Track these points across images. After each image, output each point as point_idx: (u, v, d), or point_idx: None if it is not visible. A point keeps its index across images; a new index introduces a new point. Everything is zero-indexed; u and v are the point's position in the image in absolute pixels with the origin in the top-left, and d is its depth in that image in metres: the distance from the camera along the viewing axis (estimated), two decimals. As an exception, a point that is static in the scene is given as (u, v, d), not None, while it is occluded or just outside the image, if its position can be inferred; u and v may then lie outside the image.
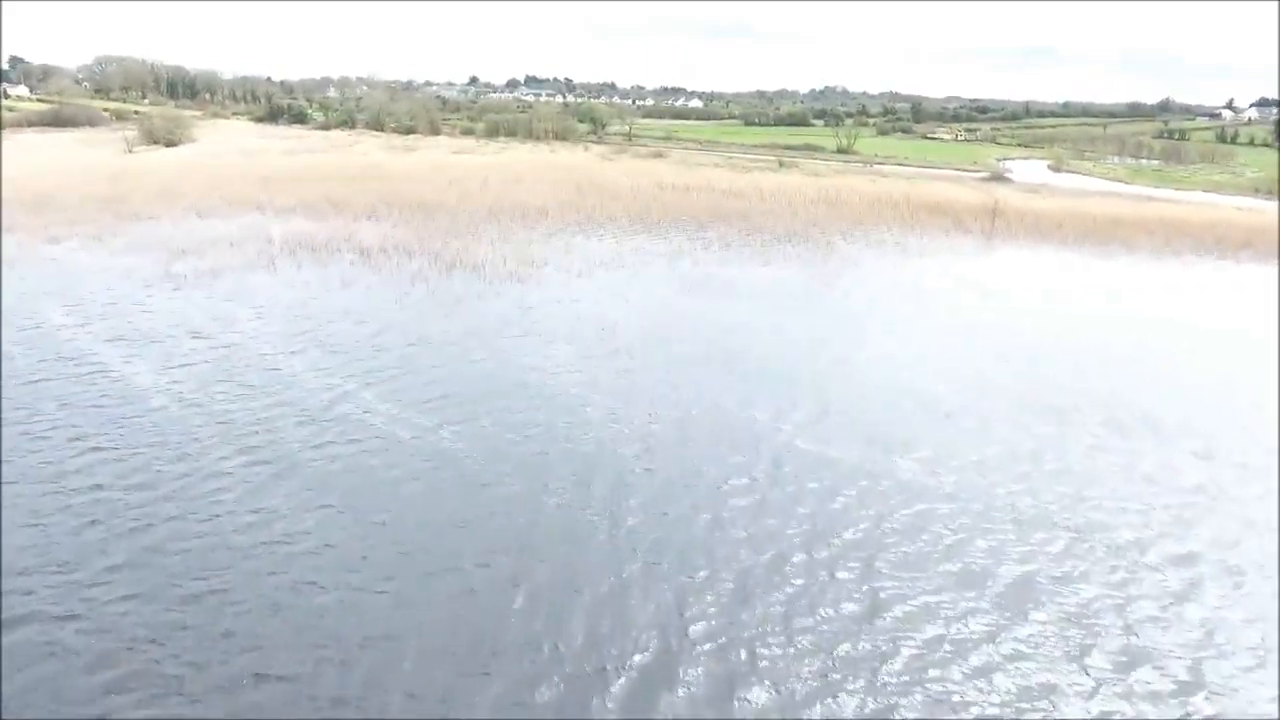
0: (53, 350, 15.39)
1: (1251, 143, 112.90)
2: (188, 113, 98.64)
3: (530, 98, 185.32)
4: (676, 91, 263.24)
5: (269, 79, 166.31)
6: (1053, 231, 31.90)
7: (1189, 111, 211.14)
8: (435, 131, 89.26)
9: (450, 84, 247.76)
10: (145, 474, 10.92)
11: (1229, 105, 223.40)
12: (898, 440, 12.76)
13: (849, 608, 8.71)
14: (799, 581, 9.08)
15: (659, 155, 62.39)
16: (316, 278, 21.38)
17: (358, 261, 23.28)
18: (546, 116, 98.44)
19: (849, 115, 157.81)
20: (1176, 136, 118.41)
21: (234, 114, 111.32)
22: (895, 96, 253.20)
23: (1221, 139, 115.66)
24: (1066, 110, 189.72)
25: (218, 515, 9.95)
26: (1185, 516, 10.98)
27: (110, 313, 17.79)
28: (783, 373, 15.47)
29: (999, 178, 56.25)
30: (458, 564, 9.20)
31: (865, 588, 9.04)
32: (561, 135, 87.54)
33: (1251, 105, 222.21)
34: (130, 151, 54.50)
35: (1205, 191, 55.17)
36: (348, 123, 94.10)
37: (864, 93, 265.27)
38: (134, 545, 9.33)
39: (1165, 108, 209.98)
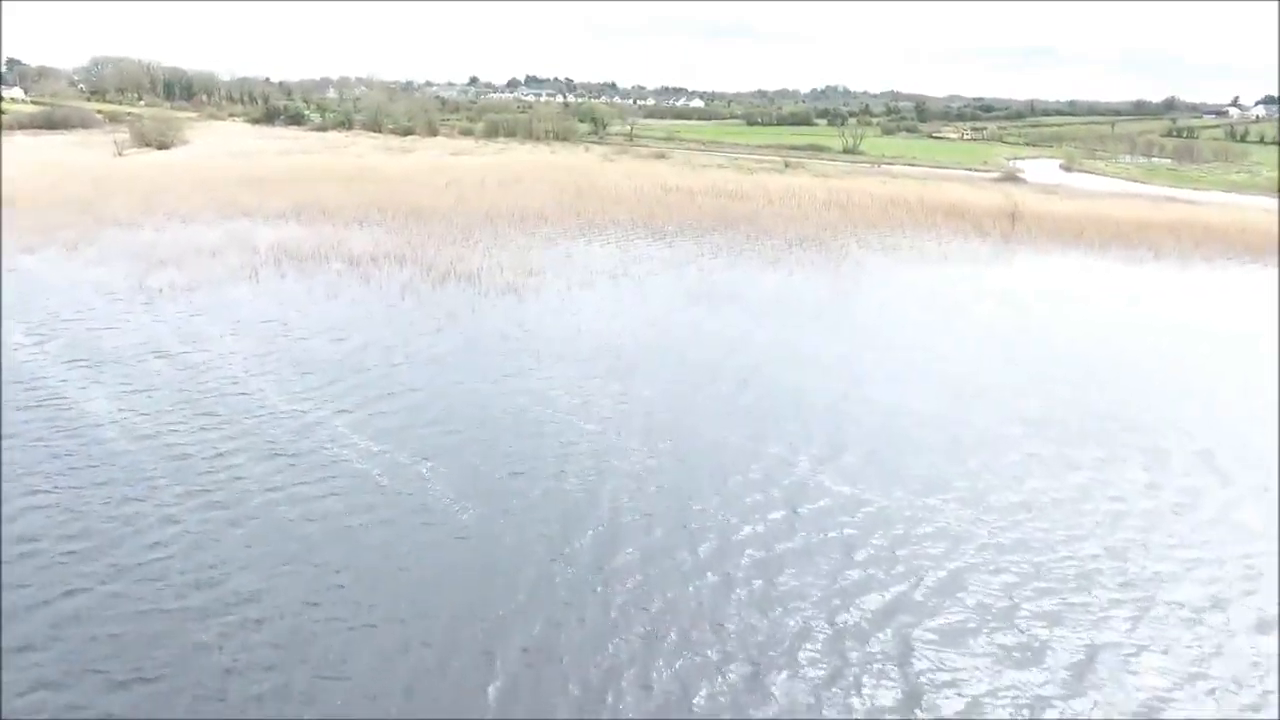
0: (5, 373, 14.14)
1: (1262, 141, 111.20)
2: (183, 114, 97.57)
3: (530, 98, 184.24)
4: (677, 91, 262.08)
5: (267, 80, 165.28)
6: (1075, 236, 30.55)
7: (1195, 110, 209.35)
8: (433, 132, 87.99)
9: (450, 84, 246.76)
10: (83, 522, 9.66)
11: (1235, 103, 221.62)
12: (929, 477, 11.46)
13: (884, 697, 7.40)
14: (823, 663, 7.78)
15: (661, 156, 61.09)
16: (300, 290, 20.11)
17: (345, 271, 22.02)
18: (547, 117, 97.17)
19: (852, 115, 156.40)
20: (1185, 135, 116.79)
21: (230, 115, 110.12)
22: (897, 96, 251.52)
23: (1231, 137, 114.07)
24: (1072, 109, 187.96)
25: (157, 578, 8.67)
26: (1259, 568, 9.67)
27: (73, 331, 16.53)
28: (797, 398, 14.17)
29: (1012, 178, 54.88)
30: (424, 636, 7.91)
31: (903, 669, 7.74)
32: (562, 136, 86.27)
33: (1258, 103, 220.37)
34: (120, 154, 53.30)
35: (1224, 191, 53.73)
36: (345, 124, 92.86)
37: (865, 92, 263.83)
38: (56, 615, 8.05)
39: (1171, 106, 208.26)
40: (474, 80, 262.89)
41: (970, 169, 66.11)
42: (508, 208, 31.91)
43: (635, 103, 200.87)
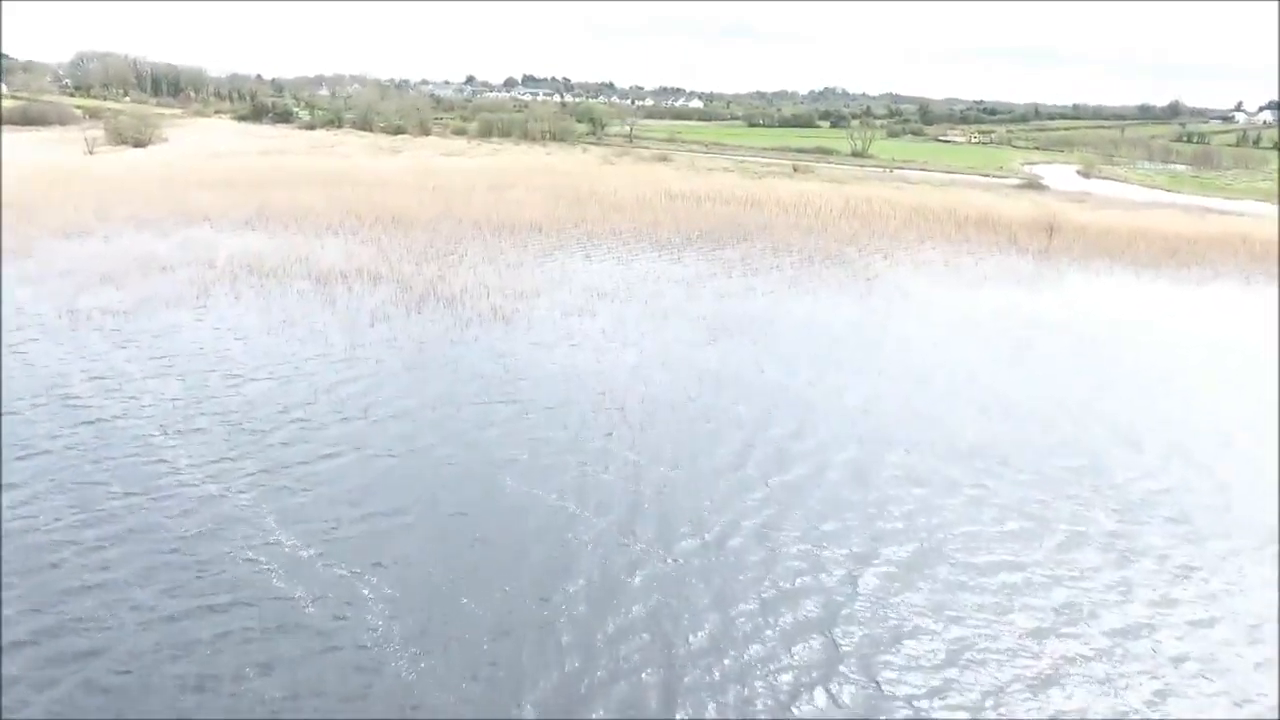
0: None
1: (1275, 147, 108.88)
2: (169, 111, 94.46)
3: (527, 97, 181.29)
4: (676, 92, 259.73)
5: (259, 77, 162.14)
6: (1120, 251, 27.80)
7: (1199, 114, 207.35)
8: (425, 132, 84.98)
9: (447, 83, 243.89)
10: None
11: (1238, 107, 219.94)
12: (1051, 607, 8.62)
13: None
14: None
15: (663, 159, 58.25)
16: (253, 315, 17.20)
17: (310, 291, 19.11)
18: (543, 117, 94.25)
19: (855, 117, 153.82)
20: (1196, 140, 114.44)
21: (217, 112, 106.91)
22: (896, 98, 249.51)
23: (1243, 143, 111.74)
24: (1076, 112, 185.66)
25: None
26: None
27: (-37, 369, 13.62)
28: (853, 490, 11.27)
29: (1035, 185, 52.16)
30: None
31: None
32: (559, 136, 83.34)
33: (1262, 108, 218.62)
34: (90, 152, 50.23)
35: (1257, 200, 51.18)
36: (334, 122, 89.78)
37: (864, 94, 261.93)
38: None
39: (1175, 110, 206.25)
40: (470, 79, 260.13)
41: (987, 175, 63.46)
42: (498, 216, 29.03)
43: (633, 103, 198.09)
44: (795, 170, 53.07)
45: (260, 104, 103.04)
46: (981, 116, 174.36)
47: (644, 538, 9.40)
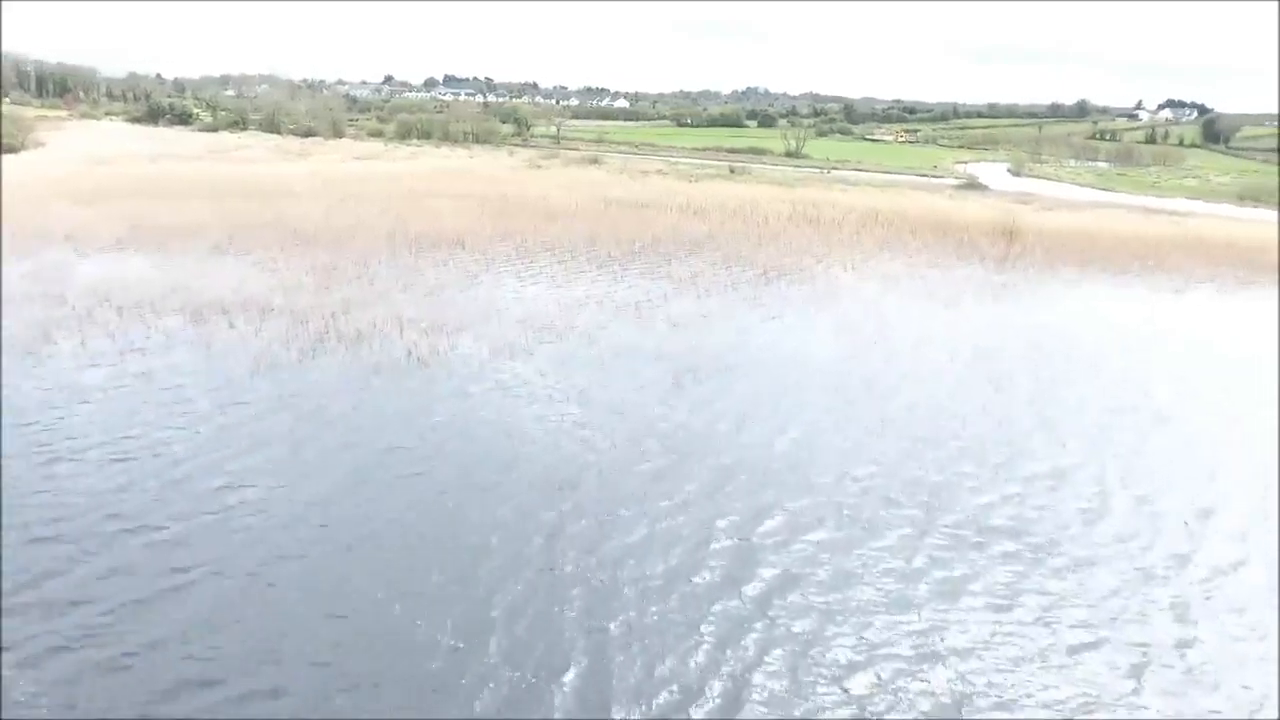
0: None
1: (1181, 143, 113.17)
2: (52, 113, 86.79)
3: (449, 97, 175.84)
4: (601, 92, 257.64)
5: (158, 76, 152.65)
6: (1085, 256, 26.36)
7: (1104, 112, 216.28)
8: (339, 134, 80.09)
9: (364, 83, 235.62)
10: None
11: (1139, 106, 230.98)
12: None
13: None
14: None
15: (595, 161, 55.42)
16: (100, 367, 13.70)
17: (181, 331, 15.65)
18: (465, 117, 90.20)
19: (782, 116, 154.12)
20: (1108, 137, 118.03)
21: (108, 114, 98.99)
22: (816, 97, 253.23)
23: (1150, 140, 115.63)
24: (993, 111, 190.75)
25: None
26: None
27: None
28: (874, 591, 8.74)
29: (976, 186, 51.44)
30: None
31: None
32: (482, 138, 79.59)
33: (1161, 107, 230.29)
34: (-55, 160, 44.43)
35: (1189, 199, 51.69)
36: (238, 124, 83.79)
37: (785, 93, 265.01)
38: None
39: (1084, 109, 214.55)
40: (388, 79, 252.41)
41: (924, 175, 62.87)
42: (416, 229, 25.77)
43: (558, 103, 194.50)
44: (732, 172, 51.01)
45: (156, 105, 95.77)
46: (903, 115, 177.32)
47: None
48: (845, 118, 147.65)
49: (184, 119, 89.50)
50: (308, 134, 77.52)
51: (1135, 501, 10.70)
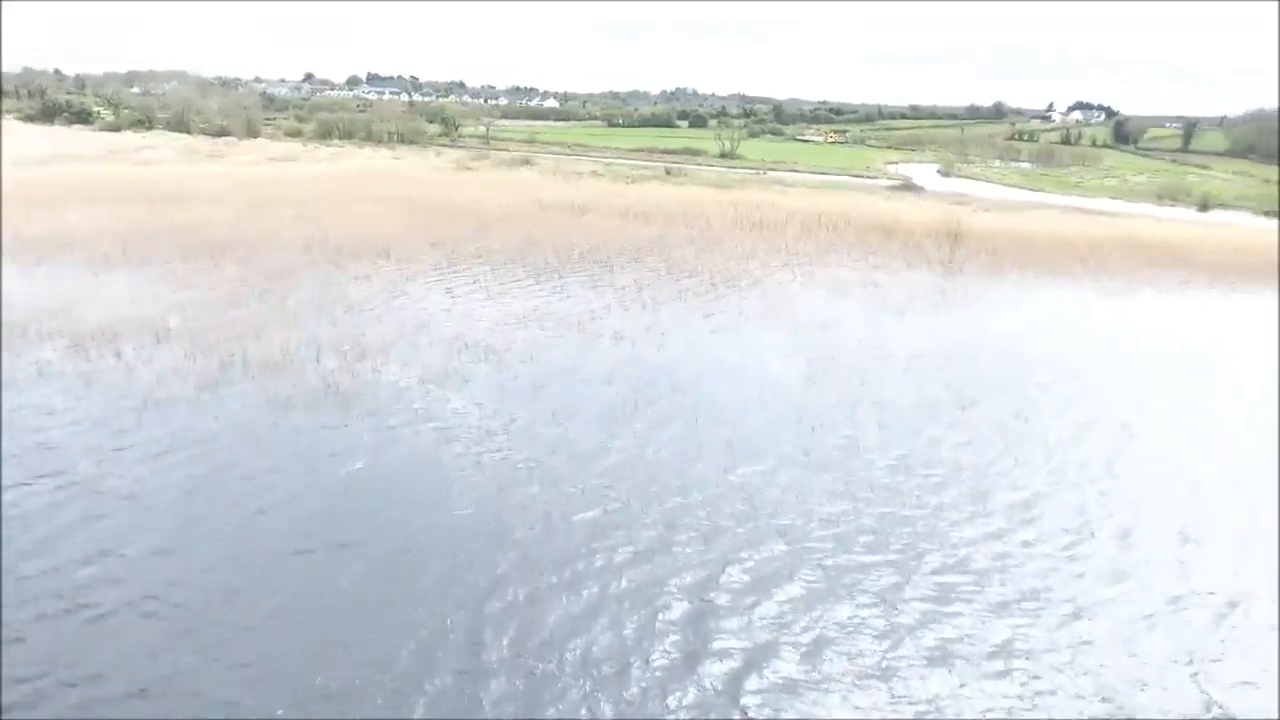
0: None
1: (1094, 144, 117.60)
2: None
3: (372, 96, 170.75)
4: (529, 91, 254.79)
5: (56, 72, 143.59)
6: (1029, 259, 26.14)
7: (1020, 114, 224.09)
8: (254, 133, 76.06)
9: (283, 81, 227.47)
10: None
11: (1050, 108, 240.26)
12: None
13: None
14: None
15: (526, 162, 53.63)
16: (-50, 409, 11.66)
17: (58, 364, 13.62)
18: (390, 116, 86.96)
19: (713, 116, 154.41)
20: (1027, 138, 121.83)
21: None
22: (743, 98, 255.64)
23: (1066, 141, 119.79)
24: (915, 112, 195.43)
25: None
26: None
27: None
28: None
29: (911, 187, 51.66)
30: None
31: None
32: (408, 138, 76.69)
33: (1071, 109, 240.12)
34: None
35: (1111, 198, 53.05)
36: (144, 123, 78.78)
37: (713, 94, 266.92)
38: None
39: (1000, 110, 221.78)
40: (309, 77, 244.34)
41: (859, 175, 63.11)
42: (337, 236, 23.83)
43: (486, 102, 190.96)
44: (669, 173, 50.01)
45: (52, 102, 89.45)
46: (830, 116, 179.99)
47: None
48: (775, 118, 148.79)
49: (83, 117, 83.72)
50: (220, 134, 73.30)
51: (1121, 535, 9.91)
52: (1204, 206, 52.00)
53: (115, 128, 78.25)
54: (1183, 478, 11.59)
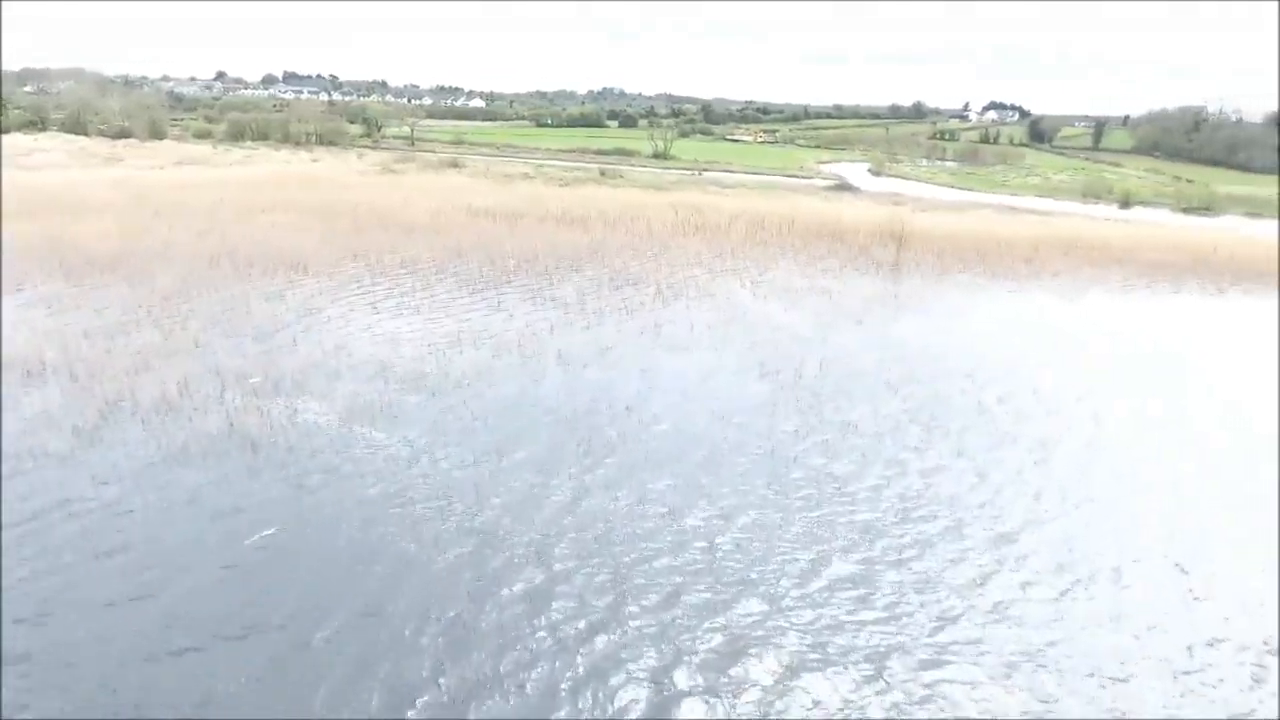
0: None
1: (1011, 143, 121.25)
2: None
3: (289, 96, 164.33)
4: (454, 91, 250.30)
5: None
6: (977, 259, 25.80)
7: (938, 113, 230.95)
8: (158, 135, 71.51)
9: (193, 79, 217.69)
10: None
11: (966, 108, 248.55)
12: None
13: None
14: None
15: (454, 164, 51.47)
16: None
17: (-100, 406, 11.50)
18: (308, 116, 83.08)
19: (642, 116, 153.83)
20: (948, 137, 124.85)
21: None
22: (670, 98, 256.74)
23: (985, 140, 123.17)
24: (840, 112, 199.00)
25: None
26: None
27: None
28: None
29: (847, 187, 51.55)
30: None
31: None
32: (328, 139, 73.28)
33: (985, 109, 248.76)
34: None
35: (1038, 196, 54.10)
36: (36, 124, 73.22)
37: (640, 93, 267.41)
38: None
39: (920, 110, 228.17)
40: (221, 75, 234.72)
41: (793, 175, 62.91)
42: (246, 249, 21.74)
43: (410, 102, 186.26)
44: (603, 175, 48.66)
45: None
46: (758, 116, 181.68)
47: None
48: (705, 118, 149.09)
49: (-34, 118, 77.27)
50: (121, 135, 68.59)
51: (1115, 574, 9.10)
52: (1125, 204, 53.61)
53: (4, 129, 72.41)
54: (1168, 489, 10.92)
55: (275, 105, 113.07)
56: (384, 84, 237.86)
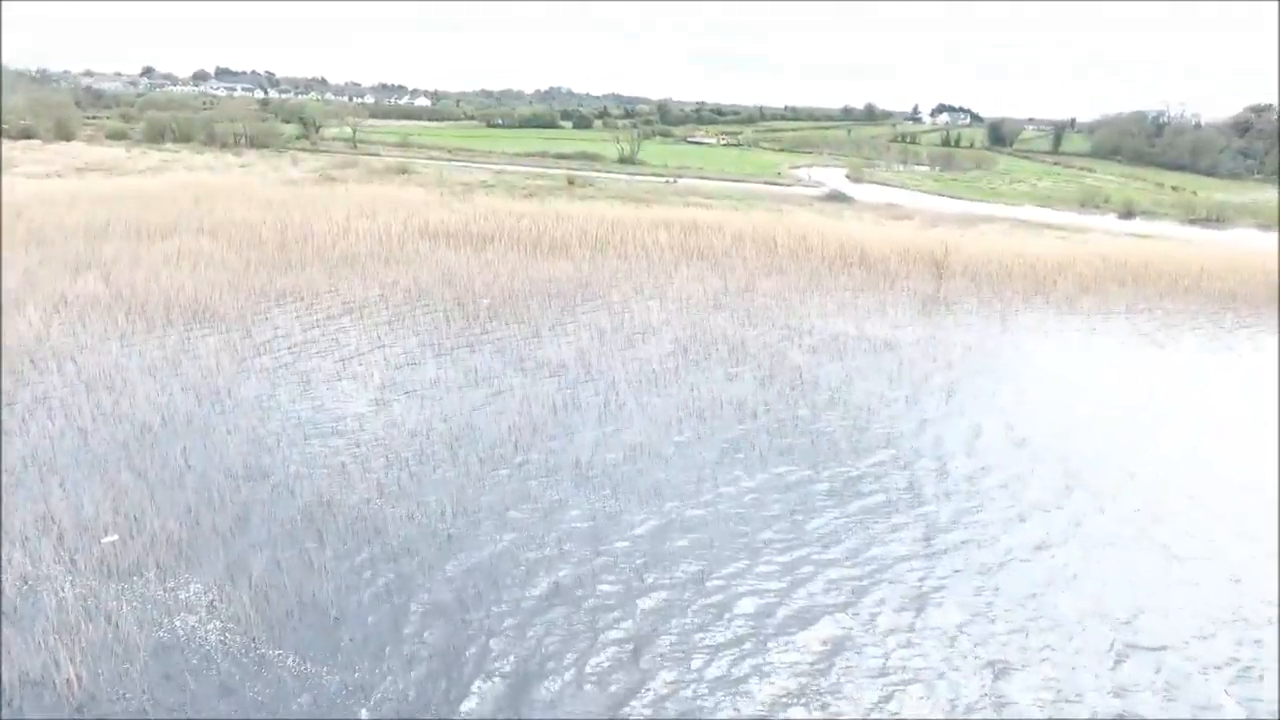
0: None
1: (972, 145, 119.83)
2: None
3: (221, 93, 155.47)
4: (398, 89, 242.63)
5: None
6: (1033, 290, 21.90)
7: (889, 116, 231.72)
8: (66, 135, 64.19)
9: (118, 75, 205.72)
10: None
11: (915, 111, 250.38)
12: None
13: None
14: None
15: (404, 171, 46.07)
16: None
17: None
18: (238, 116, 76.23)
19: (596, 117, 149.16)
20: (908, 140, 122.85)
21: None
22: (619, 98, 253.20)
23: (946, 143, 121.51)
24: (795, 114, 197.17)
25: None
26: None
27: None
28: None
29: (841, 198, 47.59)
30: None
31: None
32: (260, 141, 66.79)
33: (934, 111, 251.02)
34: None
35: (1036, 206, 50.94)
36: (-78, 123, 64.93)
37: (587, 93, 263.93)
38: None
39: (872, 113, 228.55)
40: (148, 71, 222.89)
41: (772, 182, 58.95)
42: (133, 290, 16.60)
43: (351, 100, 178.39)
44: (571, 183, 43.88)
45: None
46: (713, 117, 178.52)
47: None
48: (661, 119, 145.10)
49: None
50: (23, 135, 61.20)
51: None
52: (1128, 214, 50.94)
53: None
54: None
55: (204, 103, 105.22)
56: (323, 81, 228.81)
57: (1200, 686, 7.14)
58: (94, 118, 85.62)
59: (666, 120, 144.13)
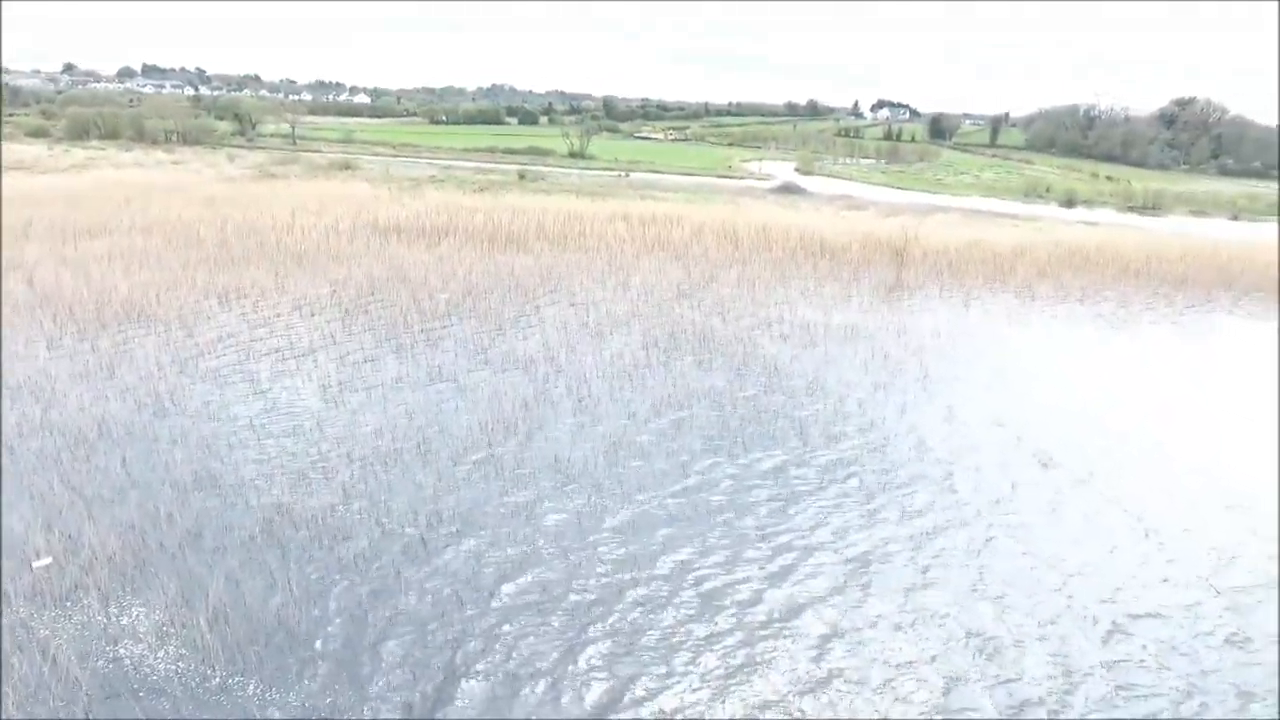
0: None
1: (914, 140, 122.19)
2: None
3: (149, 90, 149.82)
4: (335, 86, 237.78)
5: None
6: (992, 276, 22.09)
7: (833, 112, 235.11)
8: (-19, 134, 60.80)
9: (37, 71, 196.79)
10: None
11: (855, 107, 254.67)
12: None
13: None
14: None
15: (347, 167, 44.65)
16: None
17: None
18: (169, 112, 73.20)
19: (541, 113, 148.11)
20: (853, 135, 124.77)
21: None
22: (562, 95, 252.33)
23: (889, 137, 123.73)
24: (740, 109, 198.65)
25: None
26: None
27: None
28: None
29: (794, 190, 47.75)
30: None
31: None
32: (192, 138, 64.20)
33: (875, 107, 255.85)
34: None
35: (982, 197, 51.96)
36: None
37: (530, 90, 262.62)
38: None
39: (815, 109, 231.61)
40: (69, 67, 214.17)
41: (724, 176, 58.90)
42: (63, 293, 15.50)
43: (287, 97, 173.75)
44: (523, 178, 43.08)
45: None
46: (659, 113, 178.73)
47: None
48: (607, 114, 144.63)
49: None
50: (-67, 134, 57.71)
51: None
52: (1069, 204, 52.28)
53: None
54: None
55: (131, 100, 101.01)
56: (257, 78, 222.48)
57: (1191, 655, 7.08)
58: (11, 115, 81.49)
59: (612, 116, 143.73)
